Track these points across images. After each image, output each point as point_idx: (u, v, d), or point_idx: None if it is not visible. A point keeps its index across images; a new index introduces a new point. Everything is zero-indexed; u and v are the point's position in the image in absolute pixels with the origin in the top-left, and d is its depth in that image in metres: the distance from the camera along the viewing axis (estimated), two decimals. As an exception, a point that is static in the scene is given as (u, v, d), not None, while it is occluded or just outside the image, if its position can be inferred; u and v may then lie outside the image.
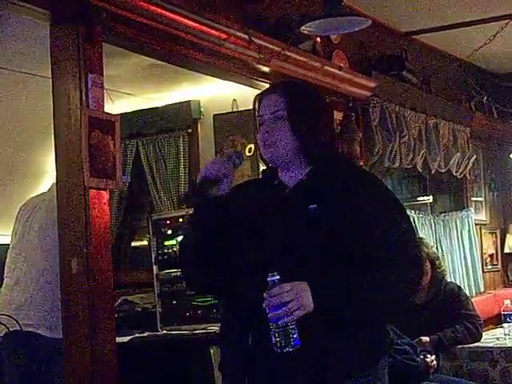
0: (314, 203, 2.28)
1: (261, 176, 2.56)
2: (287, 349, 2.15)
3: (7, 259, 4.20)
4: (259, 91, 2.51)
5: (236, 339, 2.34)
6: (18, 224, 4.20)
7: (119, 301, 4.66)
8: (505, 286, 7.89)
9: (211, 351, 3.91)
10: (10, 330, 3.93)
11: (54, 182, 3.71)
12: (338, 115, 5.44)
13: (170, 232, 4.38)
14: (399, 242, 2.29)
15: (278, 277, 2.16)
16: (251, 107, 2.49)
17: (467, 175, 7.15)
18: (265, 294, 2.15)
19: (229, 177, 2.34)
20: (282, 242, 2.28)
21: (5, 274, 4.19)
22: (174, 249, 4.34)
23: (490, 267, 7.73)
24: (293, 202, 2.34)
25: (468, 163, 7.04)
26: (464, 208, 7.31)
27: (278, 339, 2.15)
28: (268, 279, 2.16)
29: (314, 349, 2.19)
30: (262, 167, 2.51)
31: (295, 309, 2.14)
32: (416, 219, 6.40)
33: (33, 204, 4.20)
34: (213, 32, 4.18)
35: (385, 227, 2.29)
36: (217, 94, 5.73)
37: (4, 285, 4.18)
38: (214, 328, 4.03)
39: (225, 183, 2.34)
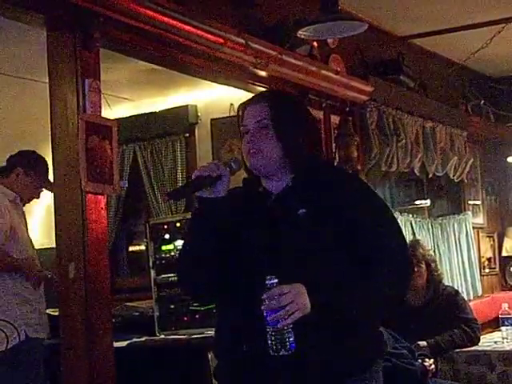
0: (302, 208, 2.28)
1: (242, 185, 2.51)
2: (282, 352, 2.14)
3: None
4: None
5: (230, 345, 2.33)
6: None
7: (118, 307, 4.67)
8: (503, 290, 7.89)
9: (209, 356, 3.91)
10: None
11: None
12: (335, 119, 5.44)
13: (167, 236, 4.38)
14: (390, 242, 2.31)
15: (276, 280, 2.15)
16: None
17: (464, 179, 7.15)
18: (263, 297, 2.14)
19: (223, 180, 2.33)
20: (274, 248, 2.28)
21: None
22: (172, 253, 4.34)
23: (487, 271, 7.73)
24: (280, 208, 2.34)
25: (465, 167, 7.04)
26: (461, 211, 7.31)
27: (273, 342, 2.14)
28: (266, 282, 2.15)
29: (307, 352, 2.18)
30: (244, 176, 2.48)
31: (293, 311, 2.14)
32: (414, 223, 6.40)
33: None
34: (210, 37, 4.18)
35: (374, 229, 2.30)
36: (214, 98, 5.74)
37: None
38: (212, 333, 4.02)
39: (219, 185, 2.32)
